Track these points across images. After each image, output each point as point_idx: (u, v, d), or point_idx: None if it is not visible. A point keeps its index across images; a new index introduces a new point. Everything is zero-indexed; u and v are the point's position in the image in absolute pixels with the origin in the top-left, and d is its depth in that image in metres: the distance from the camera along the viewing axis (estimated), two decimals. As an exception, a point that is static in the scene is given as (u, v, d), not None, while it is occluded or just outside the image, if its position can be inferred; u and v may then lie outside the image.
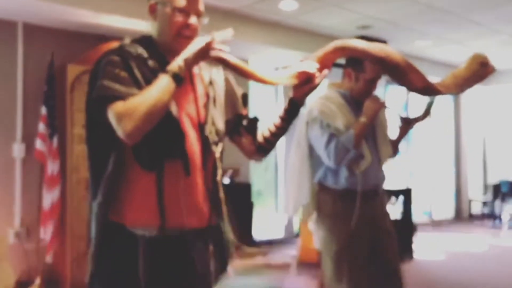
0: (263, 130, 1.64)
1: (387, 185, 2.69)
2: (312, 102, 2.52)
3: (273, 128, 1.61)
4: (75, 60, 4.35)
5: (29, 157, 4.36)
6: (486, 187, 8.98)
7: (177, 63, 1.38)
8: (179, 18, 1.47)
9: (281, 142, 6.53)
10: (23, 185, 4.39)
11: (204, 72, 1.59)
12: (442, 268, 5.38)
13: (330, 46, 1.53)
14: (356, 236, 2.43)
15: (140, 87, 1.37)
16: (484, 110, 9.20)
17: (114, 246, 1.45)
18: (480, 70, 1.71)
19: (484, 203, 8.53)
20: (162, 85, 1.35)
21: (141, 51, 1.45)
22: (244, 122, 1.64)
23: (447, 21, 5.26)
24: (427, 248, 6.30)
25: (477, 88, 8.51)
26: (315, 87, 1.53)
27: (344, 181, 2.45)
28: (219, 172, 1.58)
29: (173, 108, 1.42)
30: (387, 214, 2.62)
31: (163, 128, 1.38)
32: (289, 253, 5.76)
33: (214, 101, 1.56)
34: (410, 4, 4.70)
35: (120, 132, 1.32)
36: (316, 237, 2.58)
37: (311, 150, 2.55)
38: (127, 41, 1.50)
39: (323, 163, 2.48)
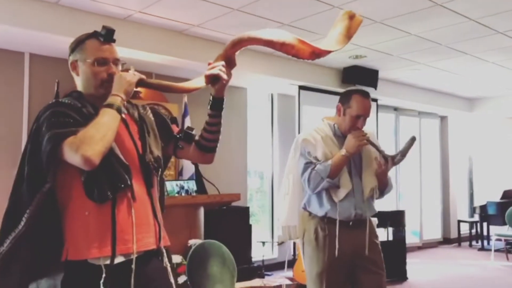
0: (201, 132, 1.82)
1: (378, 208, 2.72)
2: (303, 131, 2.68)
3: (206, 126, 1.80)
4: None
5: (33, 183, 4.44)
6: (473, 208, 9.18)
7: (118, 98, 1.55)
8: (99, 69, 1.63)
9: (273, 168, 6.64)
10: (26, 210, 4.46)
11: (132, 111, 1.76)
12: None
13: (228, 42, 1.71)
14: (336, 262, 2.54)
15: (84, 127, 1.50)
16: (470, 132, 9.47)
17: (79, 282, 1.53)
18: (351, 22, 1.86)
19: (472, 225, 8.68)
20: (109, 115, 1.51)
21: (74, 102, 1.60)
22: (180, 136, 1.82)
23: (435, 51, 5.51)
24: (418, 269, 6.44)
25: (463, 112, 8.73)
26: (226, 81, 1.69)
27: (325, 208, 2.56)
28: (157, 197, 1.73)
29: (113, 145, 1.56)
30: (374, 245, 2.64)
31: (108, 164, 1.52)
32: (285, 275, 5.86)
33: (148, 132, 1.73)
34: (401, 36, 4.94)
35: (79, 159, 1.43)
36: (302, 258, 2.72)
37: None
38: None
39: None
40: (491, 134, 9.28)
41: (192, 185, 4.33)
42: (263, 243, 5.85)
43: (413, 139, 2.58)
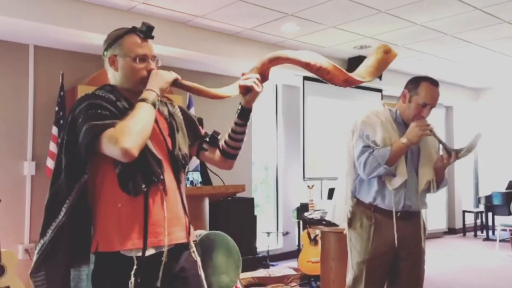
0: (225, 138, 1.84)
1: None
2: (361, 113, 2.57)
3: (231, 133, 1.82)
4: (84, 81, 4.49)
5: (39, 175, 4.48)
6: (478, 198, 9.16)
7: (153, 94, 1.57)
8: (140, 66, 1.64)
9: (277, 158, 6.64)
10: (33, 202, 4.50)
11: (162, 108, 1.76)
12: (442, 280, 5.52)
13: (266, 57, 1.75)
14: (380, 252, 2.49)
15: (120, 119, 1.52)
16: (475, 122, 9.43)
17: (109, 273, 1.55)
18: (385, 57, 1.88)
19: (477, 215, 8.66)
20: (146, 109, 1.53)
21: (108, 96, 1.61)
22: (206, 139, 1.85)
23: (441, 40, 5.47)
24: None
25: (468, 103, 8.66)
26: (257, 94, 1.75)
27: (374, 196, 2.50)
28: (184, 192, 1.77)
29: (147, 142, 1.57)
30: (422, 239, 2.59)
31: (142, 158, 1.54)
32: (290, 265, 5.89)
33: (177, 129, 1.75)
34: (406, 26, 4.91)
35: (118, 151, 1.44)
36: (348, 243, 2.65)
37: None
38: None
39: (358, 174, 2.53)
40: (497, 124, 9.23)
41: (197, 176, 4.34)
42: (268, 233, 5.87)
43: (479, 136, 2.52)
